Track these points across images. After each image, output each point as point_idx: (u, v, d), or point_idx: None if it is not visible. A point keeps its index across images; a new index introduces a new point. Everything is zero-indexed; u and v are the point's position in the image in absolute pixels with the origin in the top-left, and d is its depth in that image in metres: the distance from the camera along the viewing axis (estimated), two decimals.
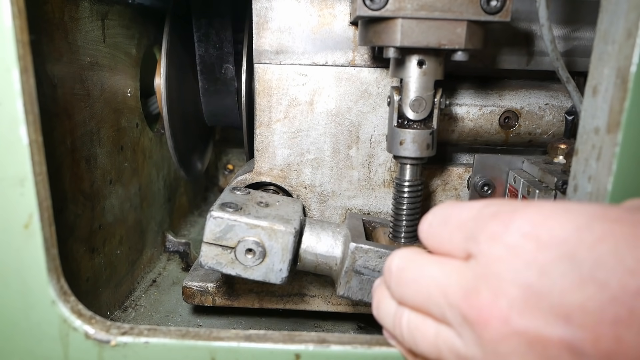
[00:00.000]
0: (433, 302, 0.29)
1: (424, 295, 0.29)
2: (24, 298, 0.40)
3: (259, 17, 0.55)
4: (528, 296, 0.24)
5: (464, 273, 0.27)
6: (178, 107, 0.73)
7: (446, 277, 0.28)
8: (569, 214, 0.25)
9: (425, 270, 0.30)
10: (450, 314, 0.27)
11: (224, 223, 0.46)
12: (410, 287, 0.30)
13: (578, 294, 0.22)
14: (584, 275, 0.23)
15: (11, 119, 0.36)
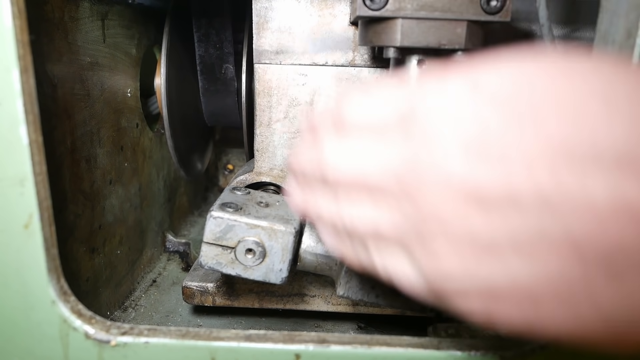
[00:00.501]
0: (370, 179, 0.27)
1: (360, 173, 0.28)
2: (24, 298, 0.40)
3: (259, 17, 0.55)
4: (468, 150, 0.23)
5: (400, 142, 0.26)
6: (178, 107, 0.73)
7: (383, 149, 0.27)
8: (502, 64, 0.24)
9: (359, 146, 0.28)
10: (389, 186, 0.26)
11: (224, 223, 0.46)
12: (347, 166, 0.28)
13: (517, 141, 0.22)
14: (522, 122, 0.22)
15: (11, 119, 0.36)
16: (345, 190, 0.29)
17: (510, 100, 0.23)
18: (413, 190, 0.25)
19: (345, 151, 0.28)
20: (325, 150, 0.29)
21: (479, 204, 0.23)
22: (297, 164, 0.33)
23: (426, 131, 0.25)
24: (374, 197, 0.27)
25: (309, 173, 0.32)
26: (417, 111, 0.25)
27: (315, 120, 0.32)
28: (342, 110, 0.29)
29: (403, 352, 0.40)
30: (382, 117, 0.27)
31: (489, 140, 0.23)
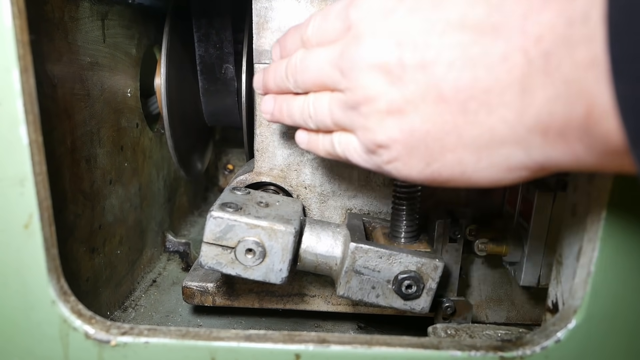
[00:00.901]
0: (325, 74, 0.35)
1: (319, 72, 0.36)
2: (24, 298, 0.40)
3: (259, 17, 0.55)
4: (376, 36, 0.31)
5: (342, 42, 0.34)
6: (178, 107, 0.73)
7: (331, 50, 0.35)
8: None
9: (319, 53, 0.36)
10: (334, 75, 0.35)
11: (224, 223, 0.46)
12: (310, 69, 0.37)
13: (404, 23, 0.30)
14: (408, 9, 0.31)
15: (11, 119, 0.36)
16: (311, 87, 0.38)
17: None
18: (347, 71, 0.33)
19: (310, 58, 0.37)
20: (298, 60, 0.38)
21: (388, 75, 0.31)
22: (271, 80, 0.42)
23: (355, 30, 0.33)
24: (329, 86, 0.36)
25: (282, 83, 0.40)
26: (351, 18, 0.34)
27: (287, 42, 0.41)
28: (307, 31, 0.38)
29: (403, 352, 0.40)
30: (334, 30, 0.36)
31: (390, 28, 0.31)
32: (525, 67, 0.26)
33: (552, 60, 0.25)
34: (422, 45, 0.30)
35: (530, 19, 0.26)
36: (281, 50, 0.42)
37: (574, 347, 0.40)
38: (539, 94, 0.26)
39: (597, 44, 0.23)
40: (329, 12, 0.37)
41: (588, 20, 0.23)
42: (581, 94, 0.24)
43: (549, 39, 0.25)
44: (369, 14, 0.33)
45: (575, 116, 0.25)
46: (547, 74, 0.25)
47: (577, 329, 0.40)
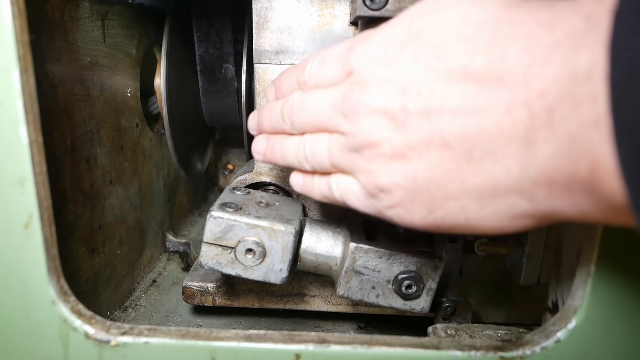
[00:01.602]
0: (324, 116, 0.36)
1: (317, 114, 0.36)
2: (24, 298, 0.40)
3: (259, 17, 0.55)
4: (380, 84, 0.32)
5: (343, 86, 0.35)
6: (178, 107, 0.73)
7: (332, 94, 0.35)
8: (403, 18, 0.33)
9: (317, 96, 0.36)
10: (335, 118, 0.35)
11: (224, 223, 0.46)
12: (309, 111, 0.37)
13: (408, 71, 0.31)
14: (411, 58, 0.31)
15: (11, 119, 0.36)
16: (308, 129, 0.38)
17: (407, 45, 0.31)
18: (351, 115, 0.33)
19: (308, 100, 0.37)
20: (295, 102, 0.38)
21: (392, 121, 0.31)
22: (266, 120, 0.42)
23: (357, 76, 0.34)
24: (328, 128, 0.36)
25: (277, 124, 0.40)
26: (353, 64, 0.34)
27: (282, 82, 0.41)
28: (304, 73, 0.38)
29: (403, 352, 0.40)
30: (333, 75, 0.36)
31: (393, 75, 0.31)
32: (529, 120, 0.26)
33: (556, 116, 0.25)
34: (426, 94, 0.30)
35: (533, 72, 0.26)
36: (276, 91, 0.42)
37: (574, 347, 0.40)
38: (543, 148, 0.25)
39: (600, 104, 0.23)
40: (326, 56, 0.37)
41: (591, 78, 0.23)
42: (586, 151, 0.24)
43: (552, 94, 0.25)
44: (371, 61, 0.33)
45: (580, 172, 0.24)
46: (551, 129, 0.25)
47: (577, 329, 0.40)
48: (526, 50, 0.26)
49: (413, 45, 0.31)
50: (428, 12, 0.32)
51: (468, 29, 0.29)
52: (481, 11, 0.29)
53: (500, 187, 0.28)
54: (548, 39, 0.25)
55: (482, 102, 0.28)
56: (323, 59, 0.37)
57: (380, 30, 0.34)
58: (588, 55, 0.23)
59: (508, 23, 0.28)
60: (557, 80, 0.24)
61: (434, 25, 0.31)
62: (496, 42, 0.28)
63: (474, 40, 0.29)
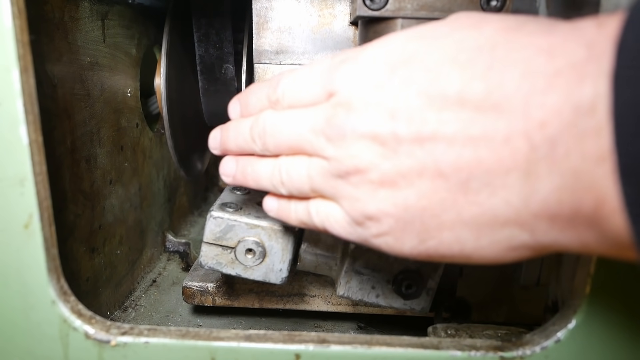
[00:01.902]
0: (304, 139, 0.33)
1: (296, 136, 0.34)
2: (24, 298, 0.40)
3: (259, 17, 0.55)
4: (368, 108, 0.30)
5: (326, 108, 0.33)
6: (178, 107, 0.73)
7: (313, 115, 0.33)
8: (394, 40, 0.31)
9: (295, 117, 0.34)
10: (316, 141, 0.33)
11: (224, 223, 0.46)
12: (284, 133, 0.35)
13: (398, 95, 0.29)
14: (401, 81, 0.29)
15: (11, 119, 0.36)
16: (284, 151, 0.35)
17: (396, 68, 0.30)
18: (335, 139, 0.31)
19: (284, 121, 0.35)
20: (267, 122, 0.36)
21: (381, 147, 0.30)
22: (232, 140, 0.39)
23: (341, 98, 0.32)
24: (307, 151, 0.34)
25: (246, 145, 0.38)
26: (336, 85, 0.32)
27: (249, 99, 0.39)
28: (277, 91, 0.36)
29: (403, 352, 0.40)
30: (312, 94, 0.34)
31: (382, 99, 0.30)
32: (529, 152, 0.25)
33: (558, 148, 0.24)
34: (419, 120, 0.28)
35: (534, 101, 0.24)
36: (242, 108, 0.40)
37: (574, 347, 0.40)
38: (545, 182, 0.24)
39: (604, 139, 0.22)
40: (304, 75, 0.35)
41: (595, 111, 0.22)
42: (590, 187, 0.23)
43: (554, 125, 0.24)
44: (357, 82, 0.31)
45: (584, 208, 0.24)
46: (553, 162, 0.24)
47: (577, 329, 0.40)
48: (526, 77, 0.25)
49: (403, 69, 0.30)
50: (421, 37, 0.30)
51: (463, 54, 0.28)
52: (477, 37, 0.28)
53: (498, 219, 0.27)
54: (549, 67, 0.24)
55: (480, 130, 0.26)
56: (300, 77, 0.35)
57: (367, 51, 0.32)
58: (591, 87, 0.22)
59: (505, 47, 0.26)
60: (560, 111, 0.23)
61: (427, 51, 0.29)
62: (493, 67, 0.26)
63: (469, 65, 0.27)
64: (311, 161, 0.34)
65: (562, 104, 0.23)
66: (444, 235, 0.30)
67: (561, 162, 0.24)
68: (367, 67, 0.31)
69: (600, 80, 0.22)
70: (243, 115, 0.39)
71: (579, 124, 0.23)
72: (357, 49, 0.33)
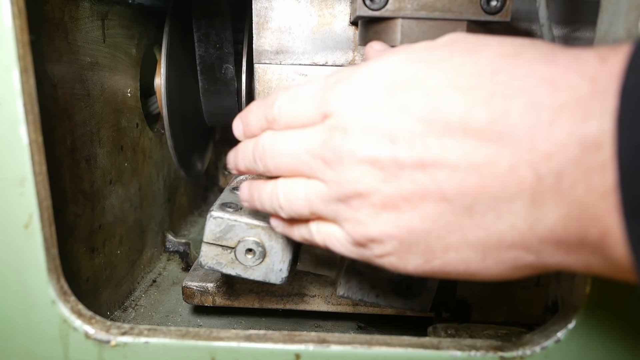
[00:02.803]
0: (301, 161, 0.33)
1: (293, 158, 0.34)
2: (24, 298, 0.40)
3: (259, 17, 0.55)
4: (365, 131, 0.30)
5: (321, 130, 0.32)
6: (178, 107, 0.73)
7: (309, 138, 0.33)
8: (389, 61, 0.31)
9: (292, 138, 0.34)
10: (314, 164, 0.32)
11: (224, 223, 0.46)
12: (283, 155, 0.34)
13: (397, 119, 0.29)
14: (399, 106, 0.29)
15: (11, 119, 0.36)
16: (284, 173, 0.35)
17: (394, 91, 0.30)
18: (333, 163, 0.31)
19: (281, 143, 0.34)
20: (266, 144, 0.36)
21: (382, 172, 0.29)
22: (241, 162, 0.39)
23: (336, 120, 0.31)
24: (305, 174, 0.34)
25: (251, 166, 0.38)
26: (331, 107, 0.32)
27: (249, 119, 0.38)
28: (273, 111, 0.35)
29: (403, 352, 0.40)
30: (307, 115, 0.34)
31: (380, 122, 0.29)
32: (535, 182, 0.25)
33: (564, 181, 0.24)
34: (420, 146, 0.28)
35: (539, 134, 0.25)
36: (244, 127, 0.39)
37: (574, 347, 0.40)
38: (552, 210, 0.25)
39: (609, 175, 0.22)
40: (298, 94, 0.34)
41: (600, 148, 0.23)
42: (596, 218, 0.23)
43: (560, 158, 0.24)
44: (353, 104, 0.31)
45: (590, 237, 0.24)
46: (559, 192, 0.24)
47: (577, 329, 0.40)
48: (530, 108, 0.25)
49: (402, 93, 0.29)
50: (419, 60, 0.30)
51: (463, 79, 0.28)
52: (476, 62, 0.28)
53: (504, 242, 0.27)
54: (553, 100, 0.24)
55: (484, 158, 0.26)
56: (294, 95, 0.34)
57: (362, 71, 0.32)
58: (597, 124, 0.23)
59: (506, 75, 0.27)
60: (566, 145, 0.24)
61: (425, 75, 0.29)
62: (496, 94, 0.26)
63: (470, 91, 0.27)
64: (309, 184, 0.34)
65: (568, 138, 0.24)
66: (449, 256, 0.30)
67: (567, 193, 0.24)
68: (362, 88, 0.31)
69: (605, 118, 0.23)
70: (245, 134, 0.39)
71: (585, 158, 0.23)
72: (352, 69, 0.32)
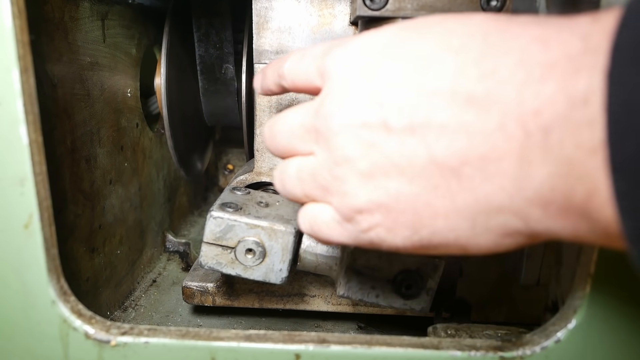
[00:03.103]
0: (295, 136, 0.33)
1: (288, 135, 0.34)
2: (24, 298, 0.40)
3: (259, 17, 0.55)
4: (356, 94, 0.30)
5: (316, 100, 0.32)
6: (178, 107, 0.73)
7: (304, 112, 0.33)
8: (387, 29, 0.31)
9: (289, 115, 0.35)
10: (307, 137, 0.33)
11: (224, 223, 0.46)
12: (280, 134, 0.35)
13: (387, 81, 0.29)
14: (392, 68, 0.29)
15: (11, 119, 0.36)
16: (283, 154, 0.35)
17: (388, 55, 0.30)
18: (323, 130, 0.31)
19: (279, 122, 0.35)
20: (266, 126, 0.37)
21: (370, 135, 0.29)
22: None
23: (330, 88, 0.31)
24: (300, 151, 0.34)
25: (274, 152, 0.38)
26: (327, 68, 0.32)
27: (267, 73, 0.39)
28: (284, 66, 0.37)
29: (403, 352, 0.40)
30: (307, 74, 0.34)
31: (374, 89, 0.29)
32: (523, 139, 0.25)
33: (552, 137, 0.24)
34: (409, 108, 0.28)
35: (528, 90, 0.24)
36: (262, 79, 0.41)
37: (574, 347, 0.40)
38: (539, 168, 0.25)
39: (597, 131, 0.22)
40: (305, 55, 0.35)
41: (588, 103, 0.22)
42: (582, 177, 0.23)
43: (549, 115, 0.24)
44: (346, 67, 0.31)
45: (576, 197, 0.24)
46: (547, 150, 0.24)
47: (577, 329, 0.40)
48: (520, 65, 0.25)
49: (394, 56, 0.29)
50: (414, 28, 0.30)
51: (456, 39, 0.28)
52: (469, 23, 0.28)
53: (492, 205, 0.27)
54: (544, 57, 0.24)
55: (472, 117, 0.26)
56: (302, 56, 0.35)
57: (359, 38, 0.32)
58: (586, 80, 0.23)
59: (499, 35, 0.27)
60: (554, 101, 0.24)
61: (419, 39, 0.29)
62: (487, 54, 0.26)
63: (462, 51, 0.27)
64: (301, 160, 0.34)
65: (557, 94, 0.24)
66: (438, 224, 0.29)
67: (555, 150, 0.24)
68: (357, 53, 0.31)
69: (595, 74, 0.22)
70: (262, 86, 0.41)
71: (574, 114, 0.23)
72: (352, 36, 0.34)
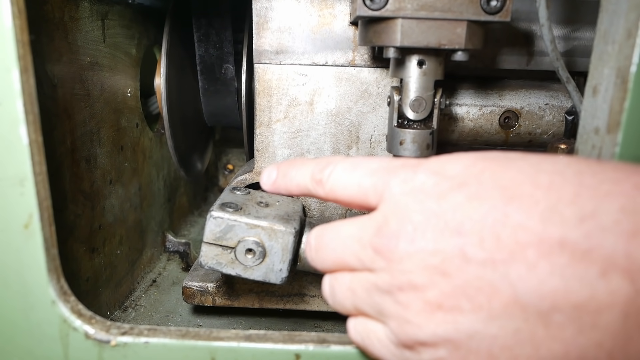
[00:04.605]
0: (348, 252, 0.31)
1: (340, 249, 0.32)
2: (24, 298, 0.40)
3: (259, 17, 0.55)
4: (429, 219, 0.28)
5: (375, 217, 0.30)
6: (178, 107, 0.73)
7: (359, 227, 0.31)
8: (461, 156, 0.30)
9: (340, 229, 0.32)
10: (364, 254, 0.30)
11: (224, 223, 0.46)
12: (329, 247, 0.33)
13: (465, 209, 0.27)
14: (470, 195, 0.27)
15: (11, 119, 0.36)
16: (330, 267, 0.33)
17: (465, 182, 0.28)
18: (386, 252, 0.29)
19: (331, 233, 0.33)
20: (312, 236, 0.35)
21: (444, 264, 0.27)
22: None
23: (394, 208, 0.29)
24: (352, 266, 0.31)
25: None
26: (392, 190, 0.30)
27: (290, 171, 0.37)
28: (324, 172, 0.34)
29: None
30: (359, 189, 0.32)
31: (449, 216, 0.27)
32: (632, 294, 0.22)
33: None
34: (491, 239, 0.25)
35: (636, 242, 0.23)
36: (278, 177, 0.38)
37: None
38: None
39: None
40: (357, 166, 0.32)
41: None
42: None
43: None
44: (415, 191, 0.29)
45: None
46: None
47: None
48: (625, 213, 0.23)
49: (473, 184, 0.27)
50: (493, 159, 0.28)
51: (544, 175, 0.26)
52: (557, 161, 0.26)
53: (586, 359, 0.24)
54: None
55: (567, 259, 0.24)
56: (352, 166, 0.33)
57: (430, 162, 0.30)
58: None
59: (594, 177, 0.25)
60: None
61: (500, 170, 0.27)
62: (582, 194, 0.24)
63: (552, 188, 0.25)
64: (355, 274, 0.31)
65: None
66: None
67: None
68: (427, 176, 0.29)
69: None
70: (277, 183, 0.38)
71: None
72: (416, 160, 0.31)
